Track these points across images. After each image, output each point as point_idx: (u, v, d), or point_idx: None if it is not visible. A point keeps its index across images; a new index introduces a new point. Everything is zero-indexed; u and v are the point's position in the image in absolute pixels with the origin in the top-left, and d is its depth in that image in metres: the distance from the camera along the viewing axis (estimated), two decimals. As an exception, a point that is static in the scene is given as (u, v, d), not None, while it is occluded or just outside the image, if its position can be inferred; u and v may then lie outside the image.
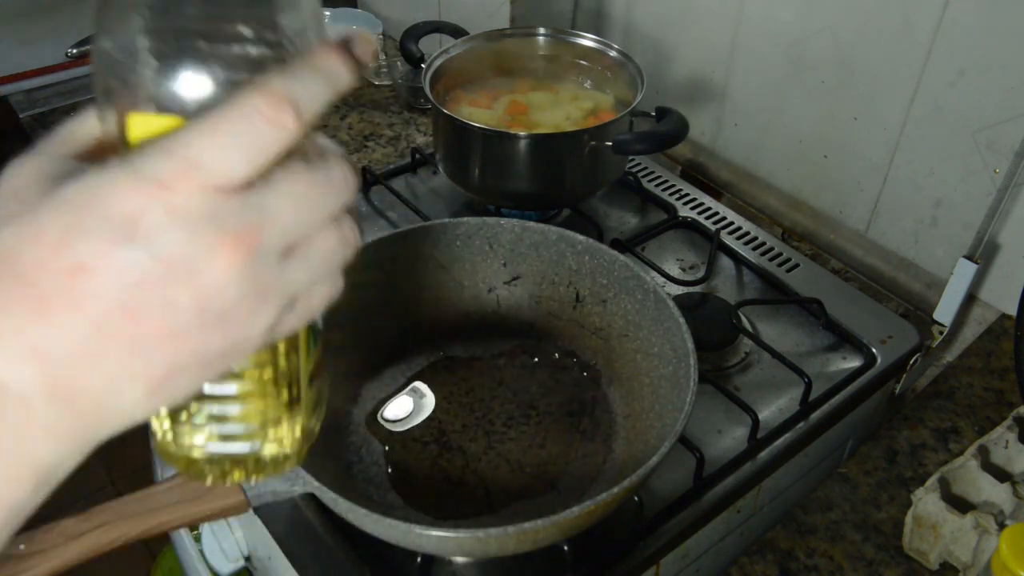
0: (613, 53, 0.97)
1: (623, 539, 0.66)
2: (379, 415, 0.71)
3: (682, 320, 0.66)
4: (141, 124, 0.28)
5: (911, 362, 0.83)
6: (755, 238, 0.96)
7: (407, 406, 0.72)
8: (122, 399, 0.26)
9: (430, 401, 0.73)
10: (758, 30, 0.98)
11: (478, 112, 0.95)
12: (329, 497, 0.55)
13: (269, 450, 0.34)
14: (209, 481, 0.34)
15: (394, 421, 0.71)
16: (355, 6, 1.41)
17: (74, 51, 1.28)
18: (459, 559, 0.65)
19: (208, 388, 0.31)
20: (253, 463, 0.34)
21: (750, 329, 0.84)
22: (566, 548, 0.61)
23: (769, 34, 0.96)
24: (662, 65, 1.10)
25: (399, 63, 1.23)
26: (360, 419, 0.71)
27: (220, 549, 0.73)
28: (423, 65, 0.95)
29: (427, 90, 0.92)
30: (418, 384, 0.75)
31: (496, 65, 1.00)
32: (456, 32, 1.01)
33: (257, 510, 0.68)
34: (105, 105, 0.28)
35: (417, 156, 1.06)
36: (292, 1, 0.28)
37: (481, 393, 0.74)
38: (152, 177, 0.25)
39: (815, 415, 0.77)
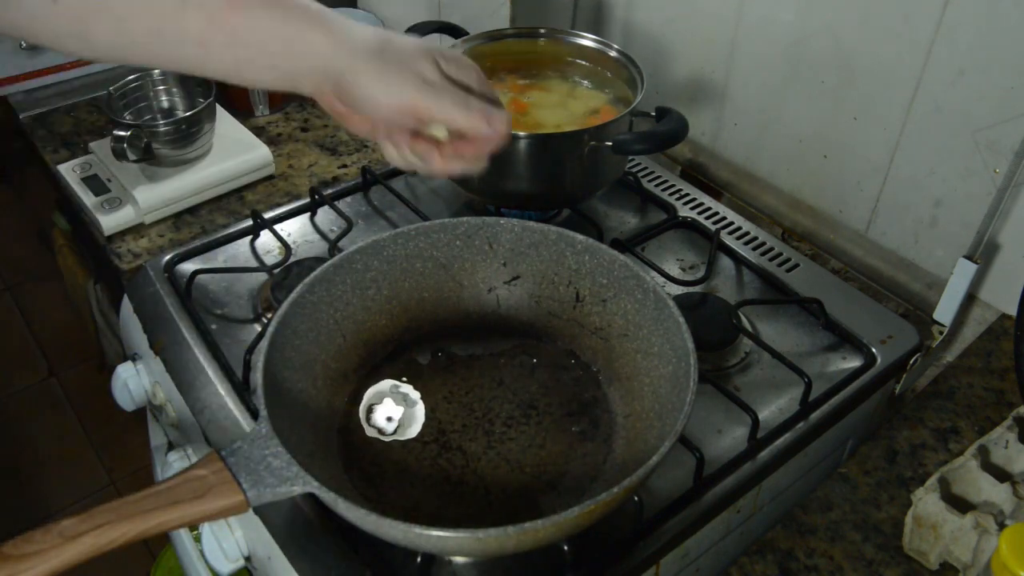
0: (613, 53, 0.97)
1: (623, 539, 0.66)
2: (369, 422, 0.71)
3: (682, 320, 0.66)
4: None
5: (911, 362, 0.83)
6: (755, 238, 0.96)
7: (397, 414, 0.72)
8: None
9: (420, 410, 0.72)
10: (758, 30, 0.98)
11: (478, 112, 0.95)
12: (329, 497, 0.55)
13: None
14: None
15: (387, 433, 0.71)
16: (355, 6, 1.41)
17: (74, 51, 1.28)
18: (459, 559, 0.65)
19: None
20: None
21: (750, 329, 0.84)
22: (566, 548, 0.61)
23: (769, 34, 0.96)
24: (662, 65, 1.10)
25: (399, 63, 1.23)
26: (360, 419, 0.71)
27: (220, 549, 0.73)
28: (423, 65, 0.95)
29: (427, 90, 0.91)
30: (404, 388, 0.74)
31: (496, 65, 1.00)
32: (456, 32, 1.01)
33: (257, 510, 0.68)
34: None
35: (417, 156, 1.06)
36: None
37: (481, 393, 0.74)
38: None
39: (815, 415, 0.77)
